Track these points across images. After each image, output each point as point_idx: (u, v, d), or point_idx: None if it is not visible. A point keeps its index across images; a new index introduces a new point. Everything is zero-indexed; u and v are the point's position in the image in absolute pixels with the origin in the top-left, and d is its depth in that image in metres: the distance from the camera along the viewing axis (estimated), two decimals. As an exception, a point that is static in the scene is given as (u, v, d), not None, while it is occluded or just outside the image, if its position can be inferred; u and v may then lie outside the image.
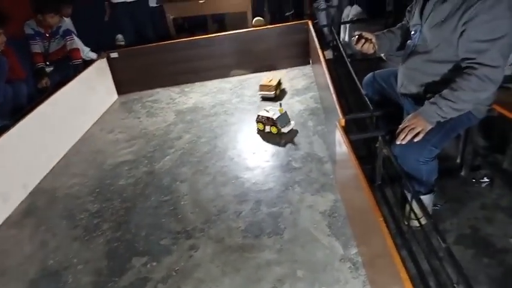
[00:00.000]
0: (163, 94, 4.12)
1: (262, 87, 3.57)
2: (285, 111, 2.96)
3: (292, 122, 2.98)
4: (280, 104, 3.00)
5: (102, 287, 1.88)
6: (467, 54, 1.57)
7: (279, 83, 3.62)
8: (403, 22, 2.05)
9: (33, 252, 2.17)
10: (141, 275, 1.91)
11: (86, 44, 3.93)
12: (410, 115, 1.72)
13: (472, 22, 1.53)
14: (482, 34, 1.52)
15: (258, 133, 3.02)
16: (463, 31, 1.56)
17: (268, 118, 2.92)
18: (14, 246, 2.24)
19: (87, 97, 3.64)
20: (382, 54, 2.39)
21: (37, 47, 3.53)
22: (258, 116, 3.00)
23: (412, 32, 1.85)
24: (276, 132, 2.92)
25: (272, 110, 2.94)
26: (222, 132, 3.14)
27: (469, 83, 1.55)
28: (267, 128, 2.97)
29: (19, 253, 2.18)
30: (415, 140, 1.66)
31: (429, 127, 1.66)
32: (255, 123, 3.05)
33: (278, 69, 4.21)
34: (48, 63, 3.63)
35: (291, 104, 3.41)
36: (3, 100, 3.04)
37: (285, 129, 2.91)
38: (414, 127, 1.66)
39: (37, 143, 2.85)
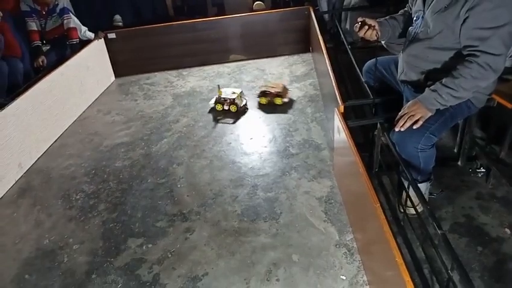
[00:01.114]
0: (161, 77, 4.08)
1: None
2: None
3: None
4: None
5: (97, 267, 1.89)
6: (469, 41, 1.56)
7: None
8: (406, 9, 2.03)
9: (28, 232, 2.16)
10: (137, 256, 1.92)
11: (84, 24, 3.85)
12: (410, 102, 1.71)
13: (475, 9, 1.51)
14: (484, 21, 1.50)
15: (260, 115, 3.04)
16: (466, 18, 1.55)
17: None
18: (8, 225, 2.23)
19: (84, 78, 3.59)
20: (383, 42, 2.36)
21: (33, 25, 3.46)
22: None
23: (414, 18, 1.83)
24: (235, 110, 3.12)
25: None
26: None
27: (470, 70, 1.54)
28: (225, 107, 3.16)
29: (14, 232, 2.17)
30: (414, 127, 1.66)
31: (429, 114, 1.66)
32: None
33: (277, 55, 4.18)
34: (44, 41, 3.57)
35: (290, 90, 3.39)
36: (-1, 77, 3.00)
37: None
38: (414, 114, 1.66)
39: (32, 122, 2.82)
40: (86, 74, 3.64)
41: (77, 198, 2.38)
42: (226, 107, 3.13)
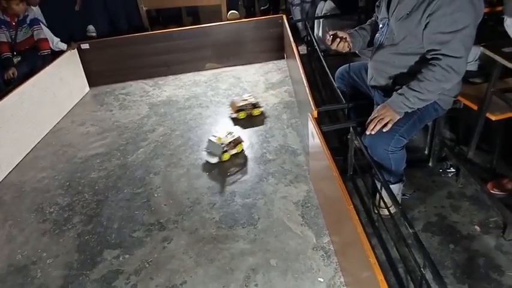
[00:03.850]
0: (137, 87, 4.05)
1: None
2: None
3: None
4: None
5: (72, 280, 1.85)
6: (432, 45, 1.63)
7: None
8: (373, 18, 2.09)
9: (-1, 247, 2.10)
10: (113, 267, 1.89)
11: (56, 35, 3.79)
12: (379, 106, 1.77)
13: (435, 14, 1.58)
14: (444, 26, 1.58)
15: (234, 125, 3.03)
16: (427, 23, 1.62)
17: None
18: (-22, 242, 2.16)
19: (57, 89, 3.53)
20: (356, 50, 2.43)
21: (3, 36, 3.38)
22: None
23: (380, 26, 1.90)
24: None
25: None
26: (197, 125, 3.12)
27: (434, 73, 1.61)
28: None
29: (-16, 248, 2.10)
30: (384, 130, 1.71)
31: (397, 117, 1.72)
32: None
33: (253, 63, 4.21)
34: (15, 53, 3.49)
35: (266, 98, 3.42)
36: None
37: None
38: (383, 117, 1.71)
39: (3, 136, 2.74)
40: (59, 85, 3.57)
41: (51, 211, 2.33)
42: (233, 151, 2.63)
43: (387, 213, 1.82)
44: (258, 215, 2.10)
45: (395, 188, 1.89)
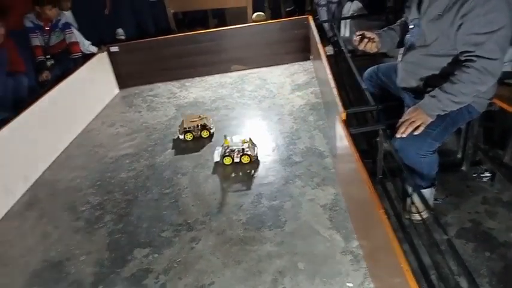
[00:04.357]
0: (164, 88, 4.12)
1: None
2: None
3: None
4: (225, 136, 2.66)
5: (104, 278, 1.89)
6: (466, 47, 1.58)
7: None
8: (403, 18, 2.05)
9: (35, 244, 2.17)
10: (143, 266, 1.92)
11: (87, 38, 3.91)
12: (410, 108, 1.72)
13: (469, 15, 1.54)
14: (479, 27, 1.53)
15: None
16: (461, 24, 1.57)
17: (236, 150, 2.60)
18: (16, 238, 2.25)
19: (88, 91, 3.63)
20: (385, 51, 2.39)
21: (37, 41, 3.52)
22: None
23: (411, 27, 1.86)
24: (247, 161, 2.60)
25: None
26: (223, 126, 3.14)
27: (468, 75, 1.56)
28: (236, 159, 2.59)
29: (21, 244, 2.19)
30: (415, 133, 1.67)
31: (429, 120, 1.67)
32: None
33: (279, 64, 4.21)
34: (48, 56, 3.62)
35: (292, 99, 3.42)
36: (4, 93, 3.04)
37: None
38: (414, 120, 1.67)
39: (38, 136, 2.85)
40: (90, 87, 3.68)
41: (83, 209, 2.40)
42: (237, 159, 2.58)
43: (419, 218, 1.78)
44: (285, 217, 2.10)
45: (427, 192, 1.85)
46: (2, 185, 2.46)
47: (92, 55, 3.89)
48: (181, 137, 2.98)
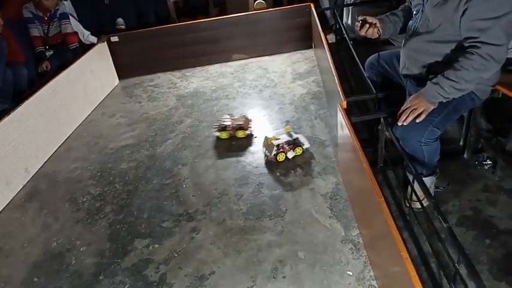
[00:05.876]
0: (164, 78, 4.09)
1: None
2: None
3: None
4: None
5: (104, 268, 1.90)
6: (470, 33, 1.55)
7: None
8: (406, 4, 2.01)
9: (36, 235, 2.18)
10: (144, 256, 1.93)
11: (86, 28, 3.88)
12: (412, 96, 1.70)
13: (473, 1, 1.50)
14: (484, 12, 1.49)
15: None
16: (465, 10, 1.53)
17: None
18: (17, 229, 2.26)
19: (88, 81, 3.62)
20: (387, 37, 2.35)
21: (36, 31, 3.49)
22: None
23: (414, 13, 1.82)
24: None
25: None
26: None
27: (472, 62, 1.53)
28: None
29: (22, 236, 2.20)
30: (417, 120, 1.65)
31: (431, 108, 1.65)
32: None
33: (280, 53, 4.17)
34: (47, 47, 3.60)
35: (293, 88, 3.39)
36: (3, 83, 3.02)
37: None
38: (416, 108, 1.65)
39: (38, 127, 2.84)
40: (90, 77, 3.66)
41: (84, 200, 2.40)
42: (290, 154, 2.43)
43: (419, 206, 1.76)
44: (285, 206, 2.09)
45: (428, 180, 1.83)
46: (3, 177, 2.47)
47: (92, 45, 3.86)
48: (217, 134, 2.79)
